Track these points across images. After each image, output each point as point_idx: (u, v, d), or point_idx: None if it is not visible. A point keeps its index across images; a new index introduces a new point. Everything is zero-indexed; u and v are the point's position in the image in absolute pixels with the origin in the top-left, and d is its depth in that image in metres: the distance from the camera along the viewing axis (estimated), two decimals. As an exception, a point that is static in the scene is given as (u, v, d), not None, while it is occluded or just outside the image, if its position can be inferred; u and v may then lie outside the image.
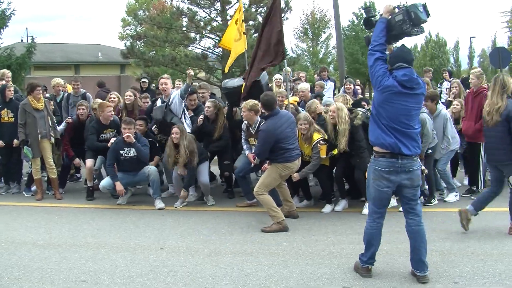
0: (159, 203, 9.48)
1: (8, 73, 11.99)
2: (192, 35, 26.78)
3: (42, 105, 10.19)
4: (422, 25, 5.59)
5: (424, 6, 5.54)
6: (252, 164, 8.98)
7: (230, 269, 6.26)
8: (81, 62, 44.25)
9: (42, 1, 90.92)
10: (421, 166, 5.76)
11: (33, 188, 10.77)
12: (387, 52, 5.70)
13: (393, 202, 7.60)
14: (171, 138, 9.33)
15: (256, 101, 8.73)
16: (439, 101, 9.88)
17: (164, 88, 10.29)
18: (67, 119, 11.22)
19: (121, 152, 9.55)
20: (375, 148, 5.70)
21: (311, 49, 49.28)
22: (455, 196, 9.56)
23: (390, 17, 5.64)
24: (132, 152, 9.53)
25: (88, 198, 10.20)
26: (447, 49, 52.96)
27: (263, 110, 8.25)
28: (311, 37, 49.72)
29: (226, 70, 13.35)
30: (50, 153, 10.30)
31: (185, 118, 10.19)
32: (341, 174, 9.17)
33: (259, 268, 6.26)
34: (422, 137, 8.83)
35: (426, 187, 9.33)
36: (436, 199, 9.35)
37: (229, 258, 6.66)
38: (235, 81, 10.07)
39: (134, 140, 9.38)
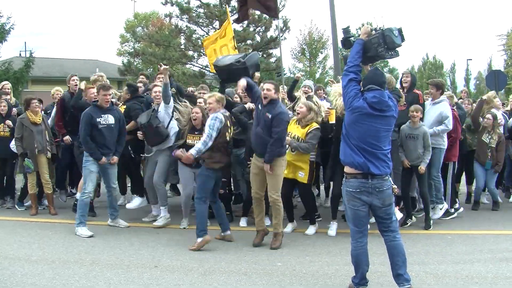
0: (123, 223, 9.46)
1: (7, 84, 12.03)
2: (190, 53, 26.89)
3: (39, 119, 10.20)
4: (396, 49, 5.69)
5: (400, 30, 5.67)
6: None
7: (224, 288, 6.24)
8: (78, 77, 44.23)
9: (41, 16, 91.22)
10: (392, 185, 5.79)
11: (27, 203, 10.73)
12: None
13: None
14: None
15: (223, 96, 8.58)
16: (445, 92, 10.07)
17: (157, 96, 9.56)
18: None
19: (98, 119, 8.87)
20: (346, 169, 5.74)
21: (308, 69, 49.37)
22: (440, 209, 9.62)
23: (367, 39, 5.73)
24: (111, 119, 8.99)
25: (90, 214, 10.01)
26: (444, 71, 53.33)
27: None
28: (308, 57, 49.85)
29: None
30: (47, 168, 10.29)
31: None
32: (338, 194, 8.72)
33: (253, 288, 6.24)
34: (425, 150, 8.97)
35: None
36: (413, 217, 9.48)
37: (223, 277, 6.63)
38: (229, 58, 9.61)
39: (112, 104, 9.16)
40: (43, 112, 11.13)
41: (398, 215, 8.57)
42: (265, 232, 8.24)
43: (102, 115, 8.91)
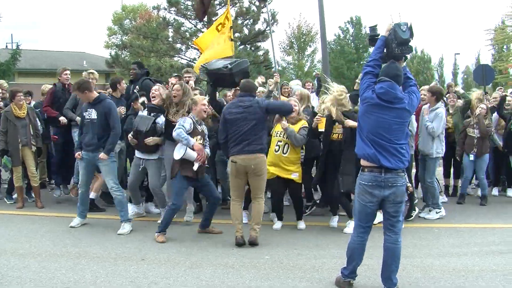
0: (125, 228, 8.61)
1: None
2: (178, 45, 26.78)
3: (24, 113, 10.12)
4: (409, 44, 5.68)
5: (409, 26, 5.64)
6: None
7: (211, 281, 6.24)
8: (66, 70, 43.98)
9: (28, 8, 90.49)
10: (407, 183, 5.76)
11: (15, 195, 10.67)
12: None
13: (379, 217, 7.43)
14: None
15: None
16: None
17: (153, 95, 9.17)
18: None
19: (84, 113, 8.75)
20: (361, 162, 5.74)
21: (296, 62, 49.38)
22: (437, 213, 9.57)
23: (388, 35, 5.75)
24: (93, 114, 8.58)
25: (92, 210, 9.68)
26: (431, 65, 53.50)
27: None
28: (296, 50, 49.86)
29: (197, 70, 11.56)
30: (33, 161, 10.24)
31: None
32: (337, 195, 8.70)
33: (241, 281, 6.24)
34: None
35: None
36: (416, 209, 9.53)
37: (210, 270, 6.63)
38: (218, 63, 9.63)
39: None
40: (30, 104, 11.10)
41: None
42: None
43: (88, 109, 8.64)
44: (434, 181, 9.67)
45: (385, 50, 5.78)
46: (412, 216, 9.31)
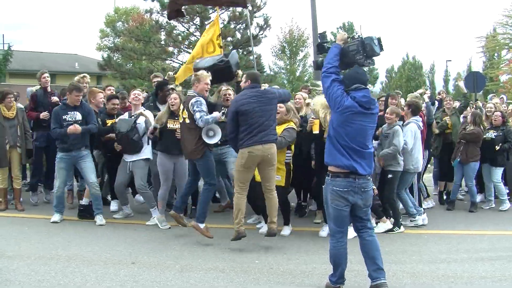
0: (100, 220, 9.26)
1: None
2: (170, 49, 26.76)
3: (13, 114, 10.09)
4: (373, 57, 5.84)
5: (379, 40, 5.81)
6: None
7: (201, 285, 6.23)
8: (57, 71, 43.80)
9: (19, 9, 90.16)
10: (373, 186, 5.87)
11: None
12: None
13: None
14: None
15: None
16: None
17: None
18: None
19: (64, 117, 9.12)
20: (330, 168, 5.78)
21: (288, 67, 49.37)
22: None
23: (343, 45, 5.87)
24: (78, 115, 9.17)
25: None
26: (423, 71, 53.65)
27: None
28: (288, 55, 49.86)
29: (178, 82, 11.63)
30: (18, 163, 10.22)
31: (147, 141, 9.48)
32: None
33: (230, 285, 6.24)
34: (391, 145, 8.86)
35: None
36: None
37: (200, 274, 6.62)
38: (208, 60, 9.65)
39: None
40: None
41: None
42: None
43: (69, 112, 9.14)
44: (404, 194, 9.33)
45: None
46: (395, 231, 9.10)
